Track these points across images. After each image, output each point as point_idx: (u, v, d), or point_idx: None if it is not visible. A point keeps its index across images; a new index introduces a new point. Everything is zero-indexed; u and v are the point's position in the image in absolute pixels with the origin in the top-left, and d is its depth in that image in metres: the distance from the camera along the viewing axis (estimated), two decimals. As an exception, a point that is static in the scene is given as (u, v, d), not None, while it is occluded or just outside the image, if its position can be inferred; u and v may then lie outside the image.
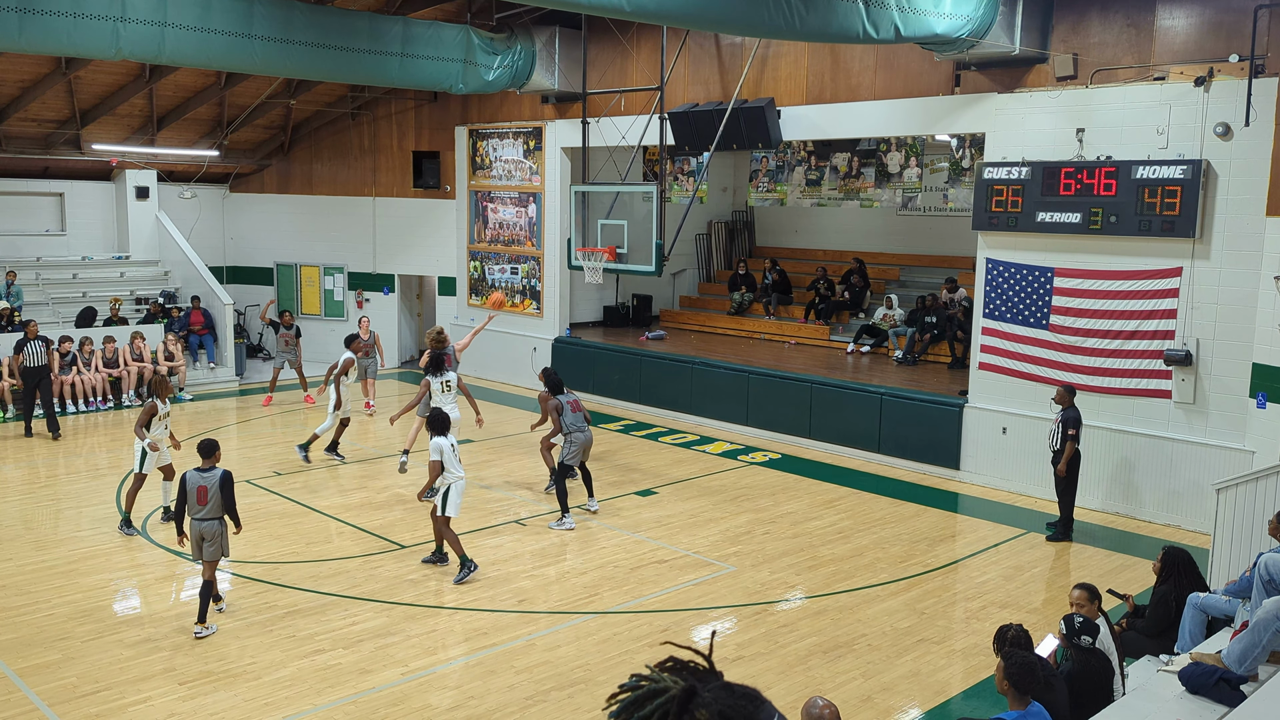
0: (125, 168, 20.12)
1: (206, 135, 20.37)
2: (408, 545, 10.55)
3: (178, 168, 20.88)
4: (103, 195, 20.44)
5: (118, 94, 18.28)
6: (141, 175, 20.32)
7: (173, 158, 20.37)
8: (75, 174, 20.01)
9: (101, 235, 20.48)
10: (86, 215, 20.26)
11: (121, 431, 15.52)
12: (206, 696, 7.25)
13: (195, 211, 21.42)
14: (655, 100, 16.02)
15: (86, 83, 17.75)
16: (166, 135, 19.79)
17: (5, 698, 7.16)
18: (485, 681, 7.58)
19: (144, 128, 19.44)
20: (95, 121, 18.69)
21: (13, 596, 8.95)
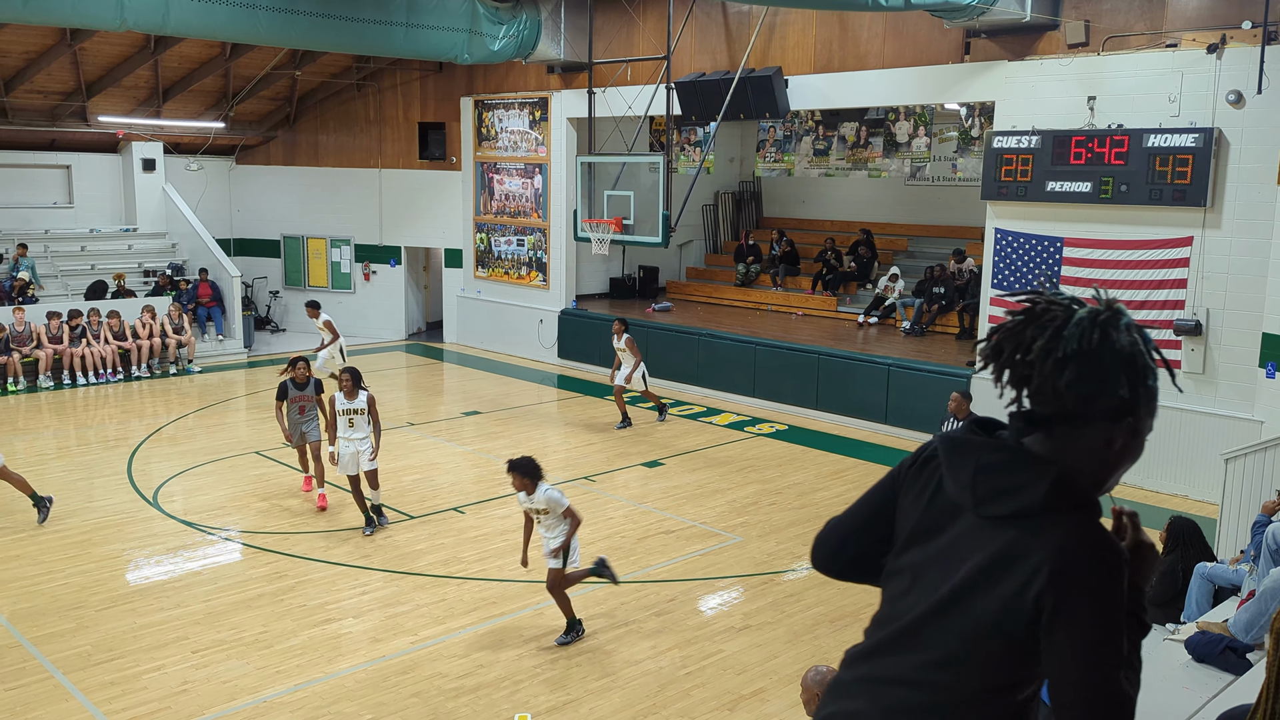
0: (132, 140, 20.09)
1: (212, 107, 20.32)
2: (417, 515, 10.62)
3: (184, 140, 20.84)
4: (110, 167, 20.43)
5: (123, 65, 18.22)
6: (148, 147, 20.29)
7: (179, 130, 20.33)
8: (82, 146, 19.99)
9: (109, 208, 20.50)
10: (94, 188, 20.27)
11: (131, 403, 15.61)
12: (219, 665, 7.33)
13: (202, 184, 21.40)
14: (662, 70, 15.92)
15: (92, 54, 17.69)
16: (172, 107, 19.74)
17: (21, 665, 7.25)
18: (494, 650, 7.65)
19: (150, 100, 19.40)
20: (101, 93, 18.65)
21: (27, 566, 9.04)
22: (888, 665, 2.15)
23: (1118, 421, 1.95)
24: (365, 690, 7.03)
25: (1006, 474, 2.02)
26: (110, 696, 6.85)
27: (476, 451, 13.18)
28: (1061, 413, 1.99)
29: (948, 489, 2.12)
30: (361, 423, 9.91)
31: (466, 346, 20.66)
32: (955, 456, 2.12)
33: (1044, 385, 1.99)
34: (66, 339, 16.72)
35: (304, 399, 10.69)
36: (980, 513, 2.03)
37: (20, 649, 7.50)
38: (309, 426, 10.76)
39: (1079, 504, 1.96)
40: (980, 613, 1.99)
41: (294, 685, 7.07)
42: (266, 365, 18.68)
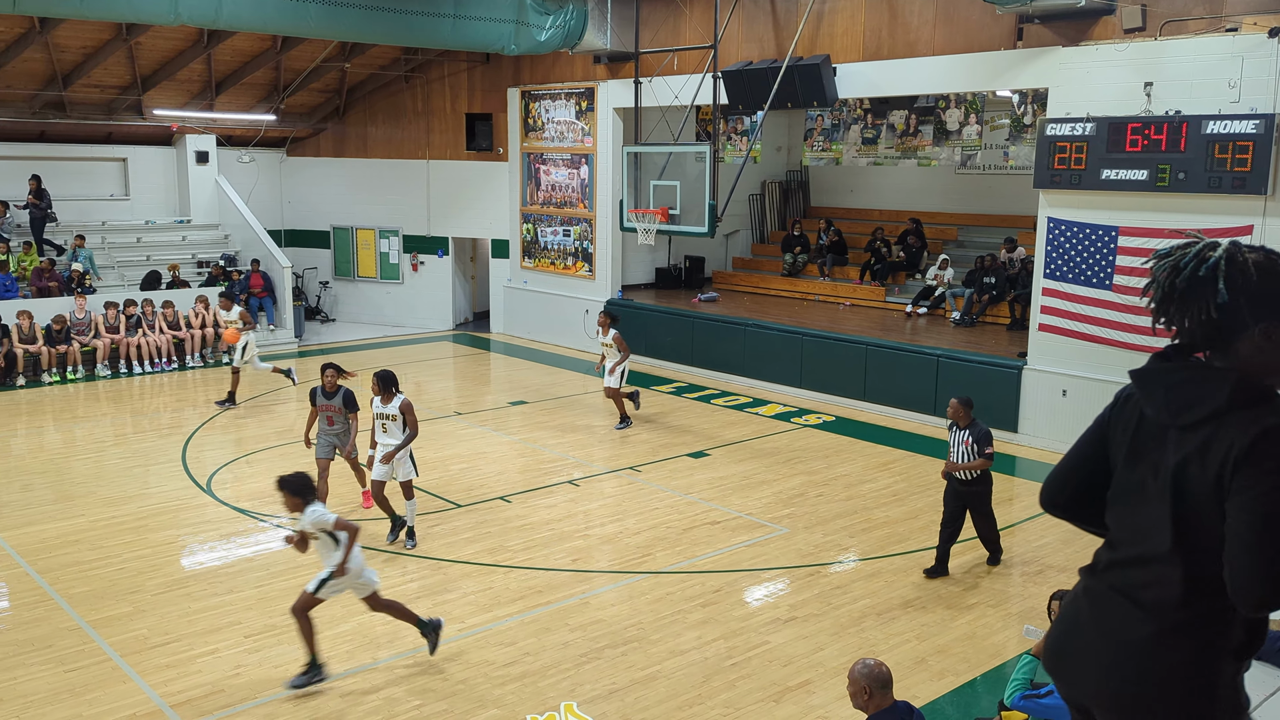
0: (185, 133, 20.44)
1: (264, 100, 20.59)
2: (464, 504, 10.70)
3: (236, 132, 21.16)
4: (164, 160, 20.81)
5: (177, 59, 18.53)
6: (201, 140, 20.64)
7: (231, 122, 20.64)
8: (137, 139, 20.37)
9: (163, 199, 20.88)
10: (149, 180, 20.67)
11: (185, 392, 15.90)
12: (271, 650, 7.46)
13: (253, 175, 21.73)
14: (709, 59, 15.83)
15: (147, 49, 18.01)
16: (225, 100, 20.05)
17: (81, 648, 7.43)
18: (540, 638, 7.69)
19: (203, 93, 19.71)
20: (156, 87, 18.99)
21: (85, 551, 9.25)
22: (1126, 572, 2.61)
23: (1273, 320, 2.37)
24: (413, 676, 7.10)
25: (1193, 386, 2.47)
26: (167, 679, 6.99)
27: (523, 441, 13.25)
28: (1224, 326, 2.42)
29: (1148, 414, 2.59)
30: (395, 429, 9.22)
31: (513, 336, 20.78)
32: (1147, 385, 2.60)
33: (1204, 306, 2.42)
34: (123, 328, 17.09)
35: (331, 409, 9.79)
36: (1178, 423, 2.48)
37: (80, 632, 7.68)
38: (339, 440, 9.93)
39: (1260, 398, 2.39)
40: (1194, 500, 2.42)
41: (344, 670, 7.17)
42: (316, 355, 18.93)
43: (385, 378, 9.19)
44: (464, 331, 21.63)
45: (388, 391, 9.17)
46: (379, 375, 9.21)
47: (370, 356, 18.84)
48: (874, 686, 4.65)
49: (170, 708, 6.65)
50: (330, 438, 9.91)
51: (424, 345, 20.07)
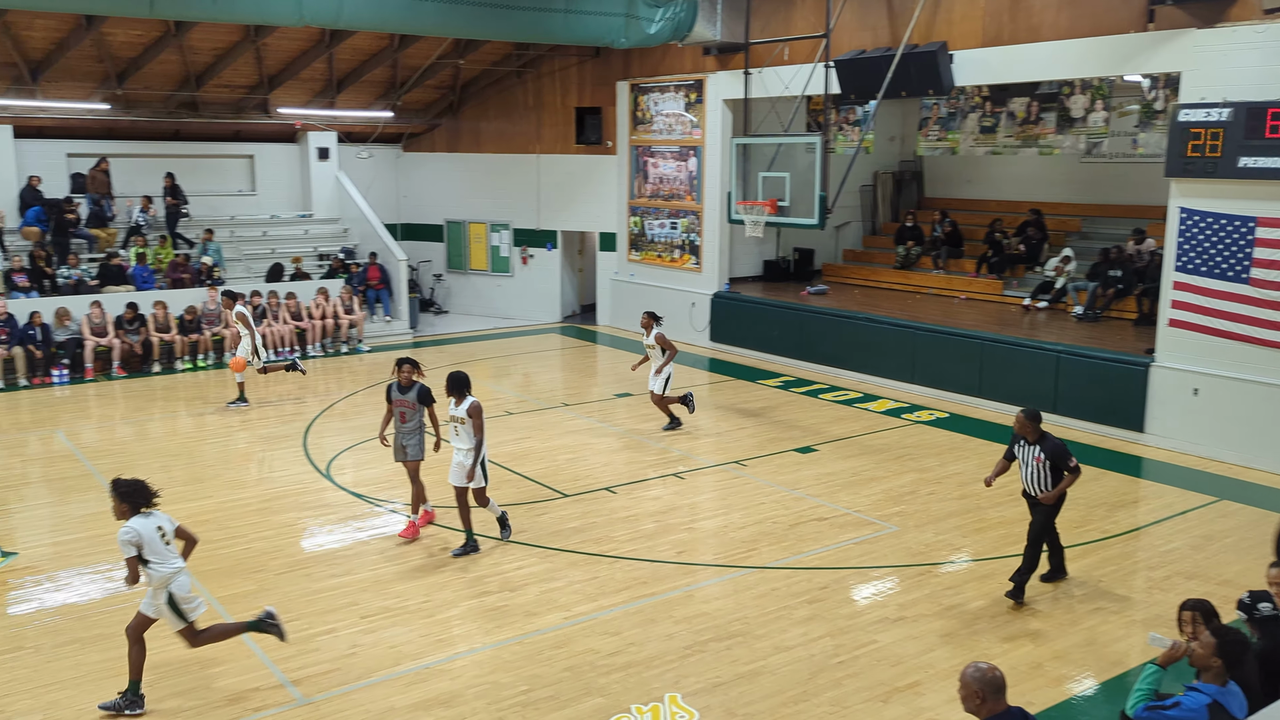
0: (308, 130, 21.18)
1: (381, 97, 21.18)
2: (570, 494, 10.81)
3: (355, 129, 21.82)
4: (288, 156, 21.60)
5: (301, 59, 19.21)
6: (323, 137, 21.36)
7: (350, 119, 21.30)
8: (263, 137, 21.20)
9: (287, 194, 21.69)
10: (274, 176, 21.50)
11: (306, 380, 16.48)
12: (385, 630, 7.67)
13: (371, 171, 22.38)
14: (820, 48, 15.59)
15: (273, 49, 18.72)
16: (345, 98, 20.70)
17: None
18: (645, 629, 7.72)
19: (324, 91, 20.39)
20: (281, 86, 19.73)
21: (214, 530, 9.68)
22: None
23: None
24: (520, 662, 7.21)
25: None
26: (287, 655, 7.26)
27: (629, 433, 13.31)
28: None
29: None
30: (465, 432, 8.94)
31: (619, 329, 20.90)
32: None
33: None
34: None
35: (404, 404, 9.31)
36: None
37: (209, 607, 8.04)
38: (410, 440, 9.36)
39: None
40: None
41: (454, 654, 7.33)
42: (430, 345, 19.40)
43: (456, 379, 8.96)
44: (571, 324, 21.86)
45: (458, 393, 8.92)
46: (450, 377, 9.00)
47: (480, 348, 19.22)
48: (987, 691, 4.50)
49: (291, 683, 6.91)
50: (401, 437, 9.39)
51: (532, 337, 20.36)
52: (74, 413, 14.29)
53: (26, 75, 17.26)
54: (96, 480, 11.14)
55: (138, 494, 6.56)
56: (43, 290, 16.88)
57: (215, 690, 6.81)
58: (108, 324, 16.59)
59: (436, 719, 6.49)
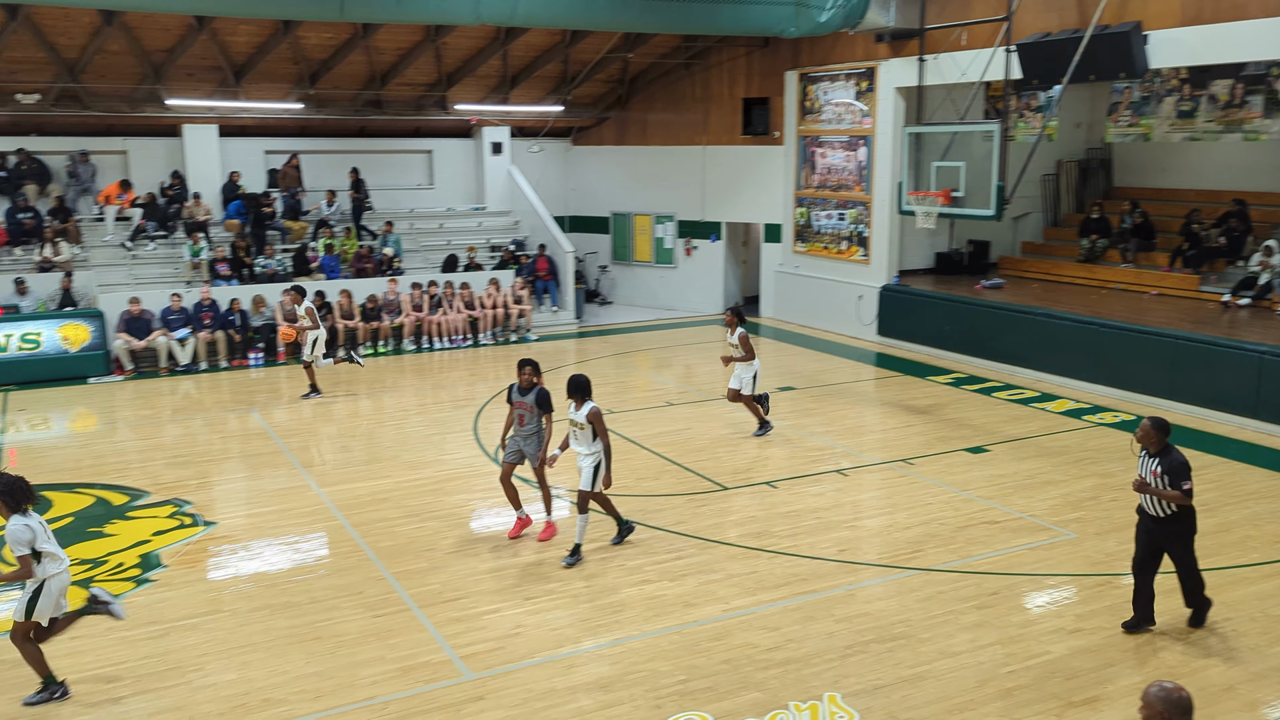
0: (483, 125, 21.92)
1: (552, 92, 21.66)
2: (730, 486, 10.77)
3: (527, 123, 22.41)
4: (464, 151, 22.41)
5: (477, 57, 19.87)
6: (496, 132, 22.07)
7: (522, 114, 21.88)
8: (441, 132, 22.07)
9: (462, 188, 22.52)
10: (450, 170, 22.36)
11: (478, 367, 17.07)
12: (548, 613, 7.86)
13: (541, 164, 22.94)
14: (1001, 32, 14.94)
15: (451, 48, 19.44)
16: (518, 93, 21.29)
17: (385, 597, 8.18)
18: (805, 626, 7.61)
19: (499, 87, 21.02)
20: (458, 84, 20.48)
21: (390, 509, 10.16)
22: None
23: None
24: (678, 652, 7.24)
25: None
26: (456, 632, 7.55)
27: (791, 427, 13.15)
28: None
29: None
30: (584, 438, 8.74)
31: (783, 321, 20.68)
32: None
33: None
34: (426, 307, 18.60)
35: (523, 407, 9.07)
36: None
37: (385, 582, 8.45)
38: (529, 444, 9.13)
39: None
40: None
41: (613, 640, 7.43)
42: (595, 335, 19.75)
43: (576, 383, 8.75)
44: (735, 316, 21.78)
45: (579, 397, 8.71)
46: (570, 380, 8.80)
47: (643, 338, 19.41)
48: (1172, 713, 4.21)
49: (460, 658, 7.17)
50: (519, 440, 9.16)
51: (695, 329, 20.41)
52: (267, 393, 15.28)
53: (231, 78, 18.55)
54: (287, 458, 11.88)
55: (18, 492, 6.41)
56: (242, 279, 18.12)
57: (390, 660, 7.14)
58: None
59: (595, 702, 6.60)
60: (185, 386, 15.69)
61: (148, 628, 7.61)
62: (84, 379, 15.89)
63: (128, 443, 12.72)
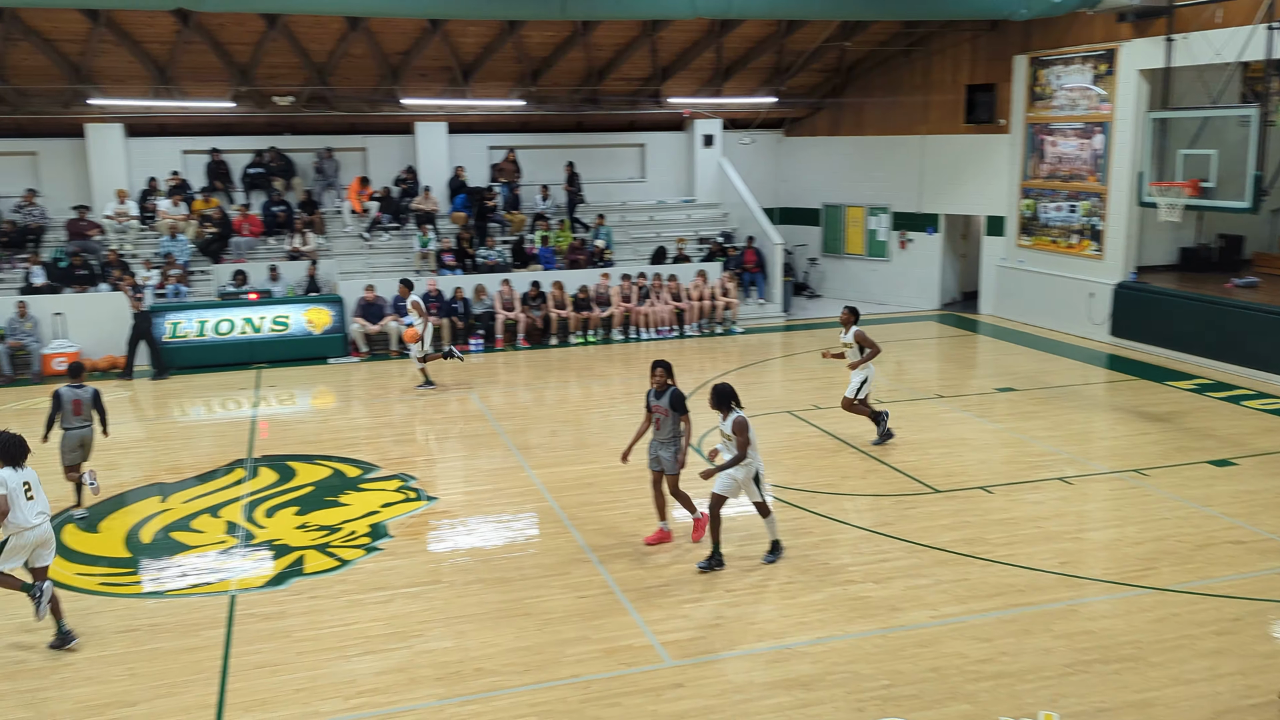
0: (695, 118, 22.05)
1: (765, 83, 21.52)
2: (941, 490, 10.37)
3: (739, 115, 22.38)
4: (675, 144, 22.65)
5: (691, 50, 20.02)
6: (708, 125, 22.15)
7: (734, 106, 21.86)
8: (654, 126, 22.39)
9: (673, 181, 22.76)
10: (661, 163, 22.65)
11: (683, 358, 17.23)
12: (748, 606, 7.83)
13: (752, 156, 22.85)
14: (1263, 8, 13.58)
15: (667, 42, 19.67)
16: (731, 86, 21.28)
17: (589, 578, 8.40)
18: (1020, 640, 7.22)
19: (712, 80, 21.09)
20: (672, 77, 20.71)
21: (596, 494, 10.41)
22: None
23: None
24: (882, 656, 7.04)
25: None
26: (657, 618, 7.64)
27: (1009, 430, 12.51)
28: None
29: None
30: (732, 447, 8.30)
31: (1003, 319, 19.70)
32: None
33: None
34: (634, 299, 18.93)
35: (659, 410, 8.64)
36: None
37: (589, 564, 8.67)
38: (665, 451, 8.69)
39: None
40: None
41: (814, 638, 7.31)
42: (802, 329, 19.50)
43: (719, 392, 8.33)
44: (950, 312, 20.94)
45: (723, 407, 8.30)
46: (714, 390, 8.37)
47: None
48: None
49: (660, 645, 7.26)
50: (656, 447, 8.77)
51: (908, 324, 19.77)
52: (485, 378, 16.01)
53: (459, 77, 19.53)
54: (502, 440, 12.40)
55: (13, 449, 7.17)
56: (465, 269, 19.06)
57: (594, 641, 7.32)
58: (515, 300, 18.38)
59: (795, 699, 6.51)
60: (412, 369, 16.68)
61: (376, 593, 8.15)
62: (324, 359, 17.19)
63: (360, 420, 13.66)
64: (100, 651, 7.26)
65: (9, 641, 7.41)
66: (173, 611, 7.90)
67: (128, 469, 11.47)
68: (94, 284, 17.31)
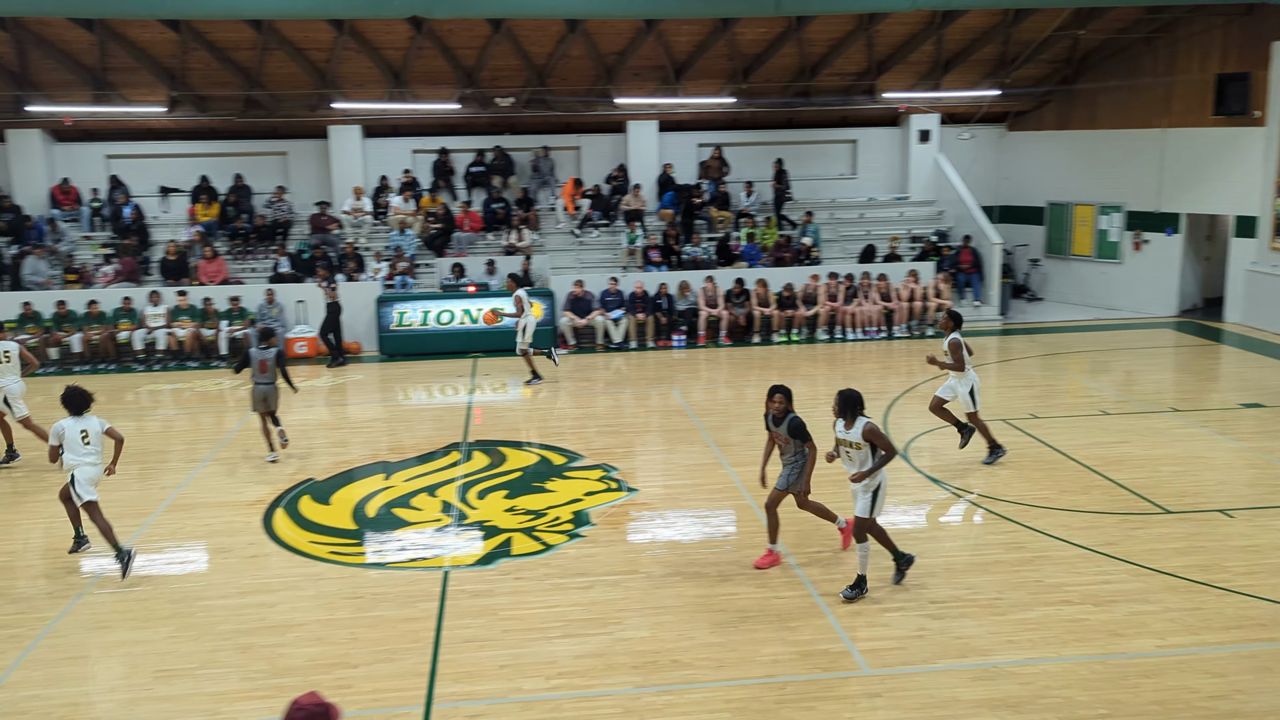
0: (911, 113, 21.38)
1: (988, 75, 20.59)
2: (1173, 510, 9.59)
3: (958, 109, 21.51)
4: (889, 140, 22.03)
5: (909, 43, 19.43)
6: (925, 119, 21.42)
7: (954, 100, 21.04)
8: (867, 121, 21.87)
9: (885, 178, 22.16)
10: (873, 159, 22.11)
11: (891, 360, 16.74)
12: (953, 620, 7.51)
13: (971, 152, 21.92)
14: None
15: (883, 35, 19.17)
16: (950, 79, 20.49)
17: (787, 579, 8.30)
18: (1259, 678, 6.58)
19: (930, 73, 20.39)
20: (888, 71, 20.16)
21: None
22: None
23: None
24: (1100, 683, 6.59)
25: None
26: (856, 625, 7.46)
27: (1253, 450, 11.43)
28: None
29: None
30: (858, 458, 7.82)
31: (1253, 328, 18.02)
32: None
33: None
34: (841, 297, 18.57)
35: (779, 437, 8.36)
36: None
37: (786, 565, 8.58)
38: (791, 470, 8.33)
39: None
40: None
41: (1024, 658, 6.93)
42: (1019, 334, 18.56)
43: (846, 399, 7.82)
44: (1190, 319, 19.34)
45: (849, 415, 7.82)
46: (840, 396, 7.85)
47: (1076, 339, 17.91)
48: None
49: (859, 652, 7.08)
50: (788, 471, 8.38)
51: (1140, 331, 18.42)
52: (687, 373, 16.14)
53: (671, 75, 19.78)
54: (702, 435, 12.46)
55: (74, 400, 8.58)
56: (670, 265, 19.29)
57: (789, 643, 7.23)
58: (718, 297, 18.43)
59: (1001, 722, 6.20)
60: (616, 362, 17.04)
61: (578, 579, 8.38)
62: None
63: (567, 410, 14.08)
64: (328, 615, 7.82)
65: (254, 601, 8.11)
66: (393, 583, 8.41)
67: (356, 447, 12.32)
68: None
